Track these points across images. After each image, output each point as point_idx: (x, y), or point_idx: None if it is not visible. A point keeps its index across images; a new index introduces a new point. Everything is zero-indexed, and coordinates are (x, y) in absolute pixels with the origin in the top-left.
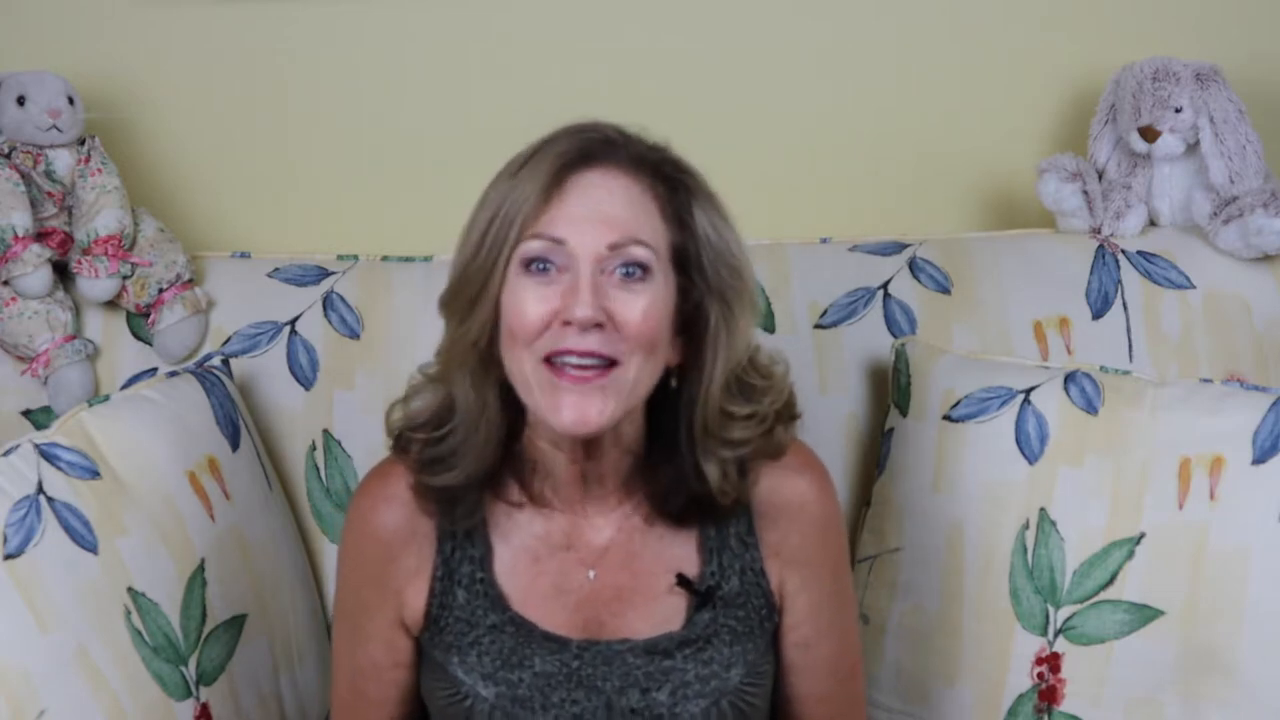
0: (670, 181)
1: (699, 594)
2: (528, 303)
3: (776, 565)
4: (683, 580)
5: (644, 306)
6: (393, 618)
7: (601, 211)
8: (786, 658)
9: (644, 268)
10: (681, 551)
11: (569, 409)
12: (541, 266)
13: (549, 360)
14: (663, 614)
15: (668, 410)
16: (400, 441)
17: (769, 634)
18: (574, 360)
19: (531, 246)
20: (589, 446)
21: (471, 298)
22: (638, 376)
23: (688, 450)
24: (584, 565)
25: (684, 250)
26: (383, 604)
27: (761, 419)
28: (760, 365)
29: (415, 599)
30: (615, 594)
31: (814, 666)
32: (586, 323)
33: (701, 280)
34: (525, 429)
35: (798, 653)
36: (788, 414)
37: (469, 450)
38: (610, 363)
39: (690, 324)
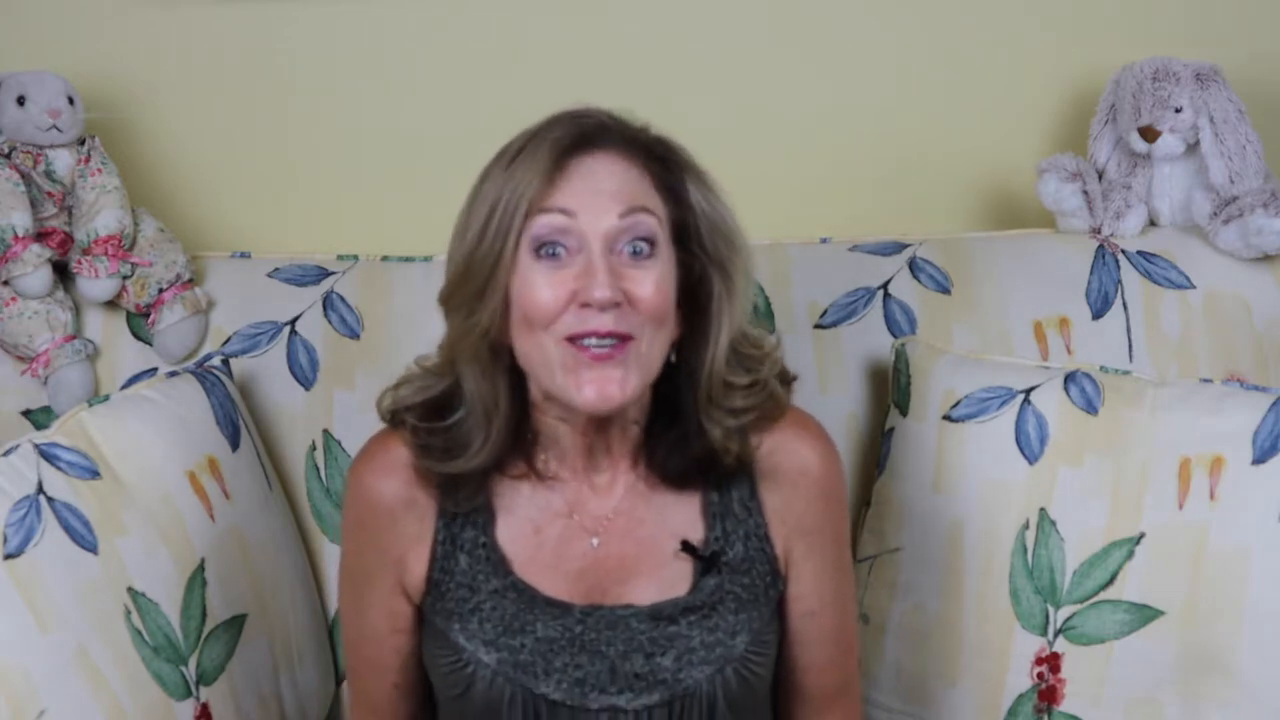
0: (662, 160)
1: (703, 559)
2: (541, 288)
3: (782, 532)
4: (687, 545)
5: (655, 281)
6: (393, 584)
7: (604, 188)
8: (792, 627)
9: (651, 243)
10: (685, 517)
11: (590, 386)
12: (551, 251)
13: (569, 340)
14: (668, 580)
15: (669, 382)
16: (396, 418)
17: (773, 602)
18: (594, 342)
19: (541, 221)
20: (600, 421)
21: (479, 288)
22: (650, 349)
23: (692, 418)
24: (587, 533)
25: (683, 225)
26: (383, 570)
27: (762, 385)
28: (751, 336)
29: (416, 565)
30: (619, 561)
31: (819, 636)
32: (606, 303)
33: (701, 252)
34: (531, 409)
35: (804, 622)
36: (785, 378)
37: (480, 440)
38: (624, 338)
39: (692, 297)
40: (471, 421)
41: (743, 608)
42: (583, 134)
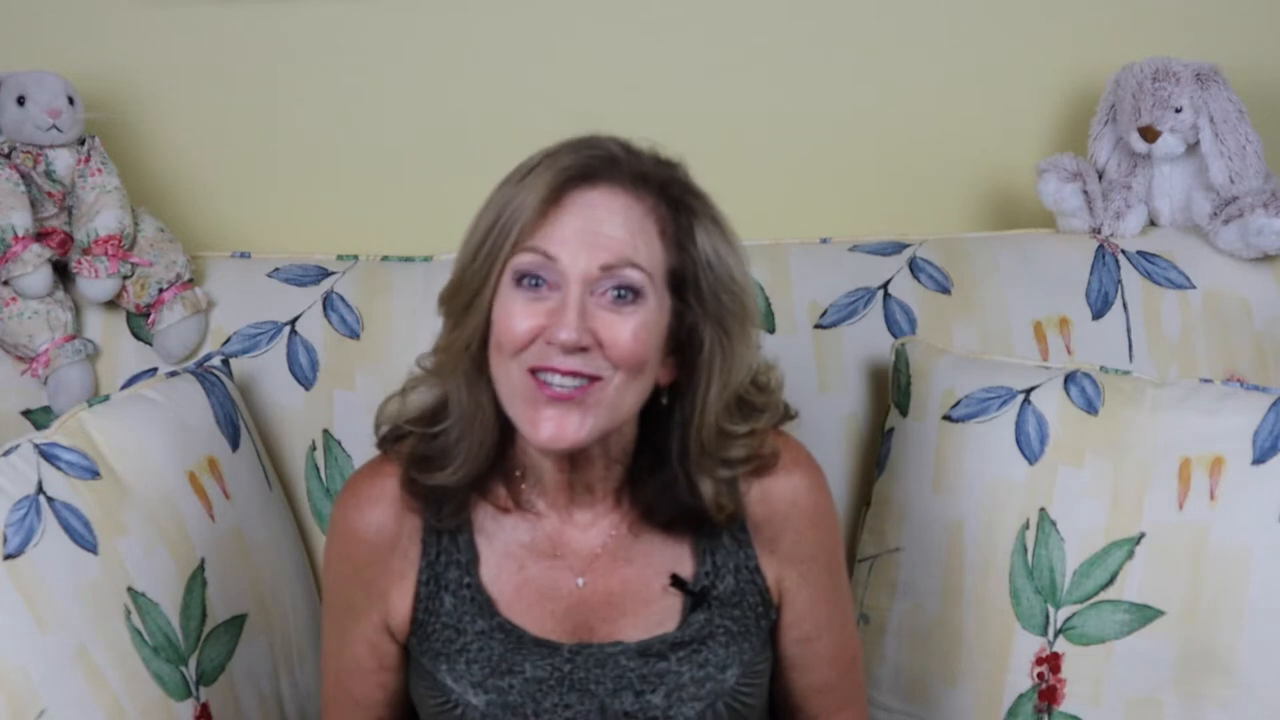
0: (674, 202)
1: (693, 594)
2: (515, 317)
3: (773, 562)
4: (677, 580)
5: (632, 329)
6: (378, 621)
7: (597, 231)
8: (787, 654)
9: (635, 291)
10: (674, 553)
11: (547, 424)
12: (533, 282)
13: (533, 372)
14: (656, 617)
15: (660, 425)
16: (393, 434)
17: (765, 632)
18: (557, 380)
19: (523, 260)
20: (575, 458)
21: (466, 302)
22: (620, 394)
23: (679, 465)
24: (572, 573)
25: (681, 273)
26: (368, 606)
27: (761, 436)
28: (760, 381)
29: (400, 603)
30: (605, 599)
31: (815, 660)
32: (570, 345)
33: (698, 304)
34: (516, 435)
35: (798, 648)
36: (786, 415)
37: (463, 451)
38: (592, 379)
39: (684, 345)
40: (457, 431)
41: (733, 640)
42: (589, 166)
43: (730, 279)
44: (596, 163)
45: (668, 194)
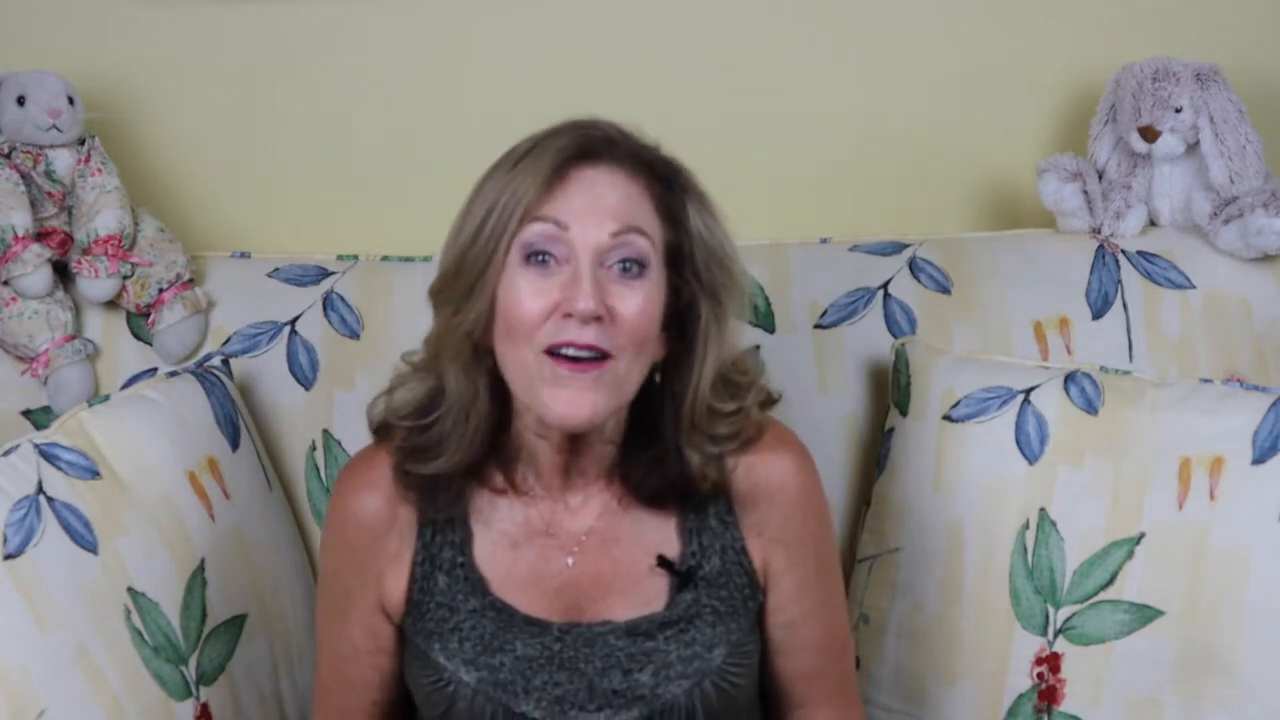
0: (665, 180)
1: (679, 574)
2: (527, 295)
3: (759, 545)
4: (663, 561)
5: (640, 302)
6: (374, 603)
7: (602, 203)
8: (773, 638)
9: (641, 264)
10: (661, 534)
11: (563, 403)
12: (541, 259)
13: (549, 352)
14: (644, 597)
15: (650, 404)
16: (383, 429)
17: (753, 613)
18: (571, 352)
19: (534, 229)
20: (575, 438)
21: (468, 286)
22: (628, 372)
23: (671, 441)
24: (563, 552)
25: (678, 248)
26: (364, 589)
27: (746, 414)
28: (740, 362)
29: (395, 584)
30: (594, 579)
31: (801, 646)
32: (588, 315)
33: (694, 278)
34: (513, 419)
35: (784, 633)
36: (768, 400)
37: (457, 438)
38: (604, 355)
39: (680, 321)
40: (451, 420)
41: (720, 620)
42: (587, 145)
43: (721, 251)
44: (594, 142)
45: (658, 173)
